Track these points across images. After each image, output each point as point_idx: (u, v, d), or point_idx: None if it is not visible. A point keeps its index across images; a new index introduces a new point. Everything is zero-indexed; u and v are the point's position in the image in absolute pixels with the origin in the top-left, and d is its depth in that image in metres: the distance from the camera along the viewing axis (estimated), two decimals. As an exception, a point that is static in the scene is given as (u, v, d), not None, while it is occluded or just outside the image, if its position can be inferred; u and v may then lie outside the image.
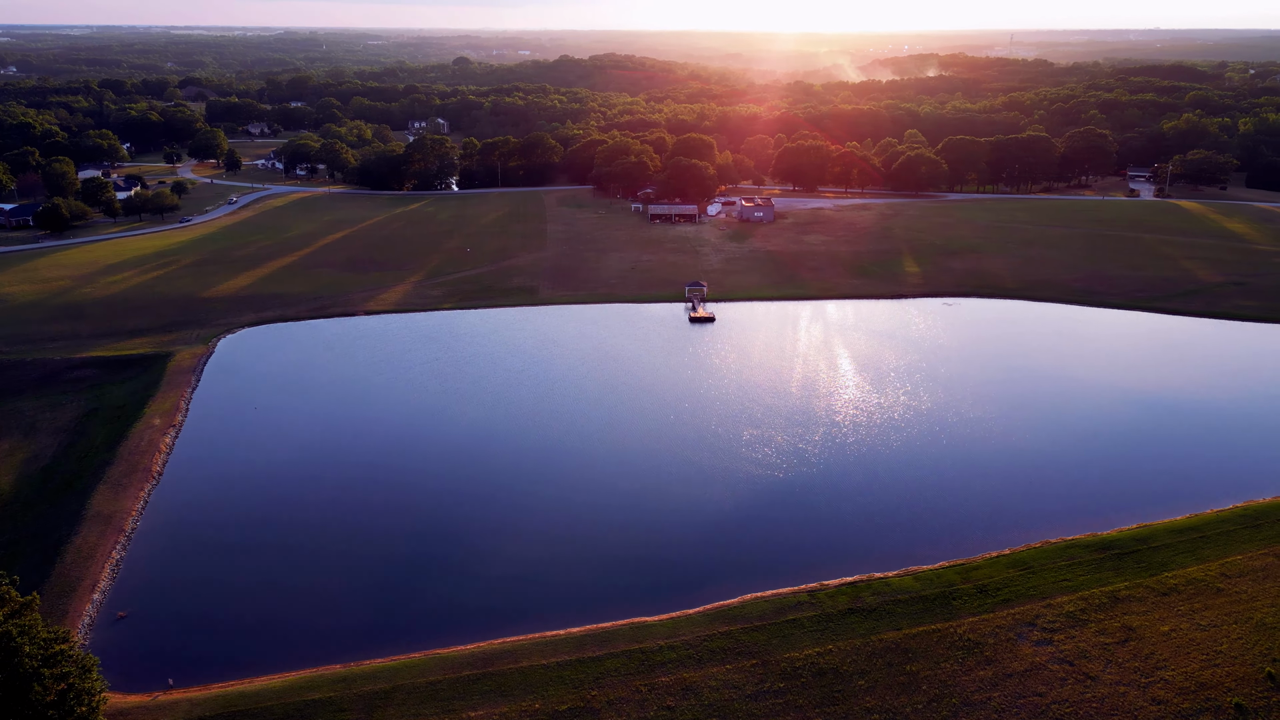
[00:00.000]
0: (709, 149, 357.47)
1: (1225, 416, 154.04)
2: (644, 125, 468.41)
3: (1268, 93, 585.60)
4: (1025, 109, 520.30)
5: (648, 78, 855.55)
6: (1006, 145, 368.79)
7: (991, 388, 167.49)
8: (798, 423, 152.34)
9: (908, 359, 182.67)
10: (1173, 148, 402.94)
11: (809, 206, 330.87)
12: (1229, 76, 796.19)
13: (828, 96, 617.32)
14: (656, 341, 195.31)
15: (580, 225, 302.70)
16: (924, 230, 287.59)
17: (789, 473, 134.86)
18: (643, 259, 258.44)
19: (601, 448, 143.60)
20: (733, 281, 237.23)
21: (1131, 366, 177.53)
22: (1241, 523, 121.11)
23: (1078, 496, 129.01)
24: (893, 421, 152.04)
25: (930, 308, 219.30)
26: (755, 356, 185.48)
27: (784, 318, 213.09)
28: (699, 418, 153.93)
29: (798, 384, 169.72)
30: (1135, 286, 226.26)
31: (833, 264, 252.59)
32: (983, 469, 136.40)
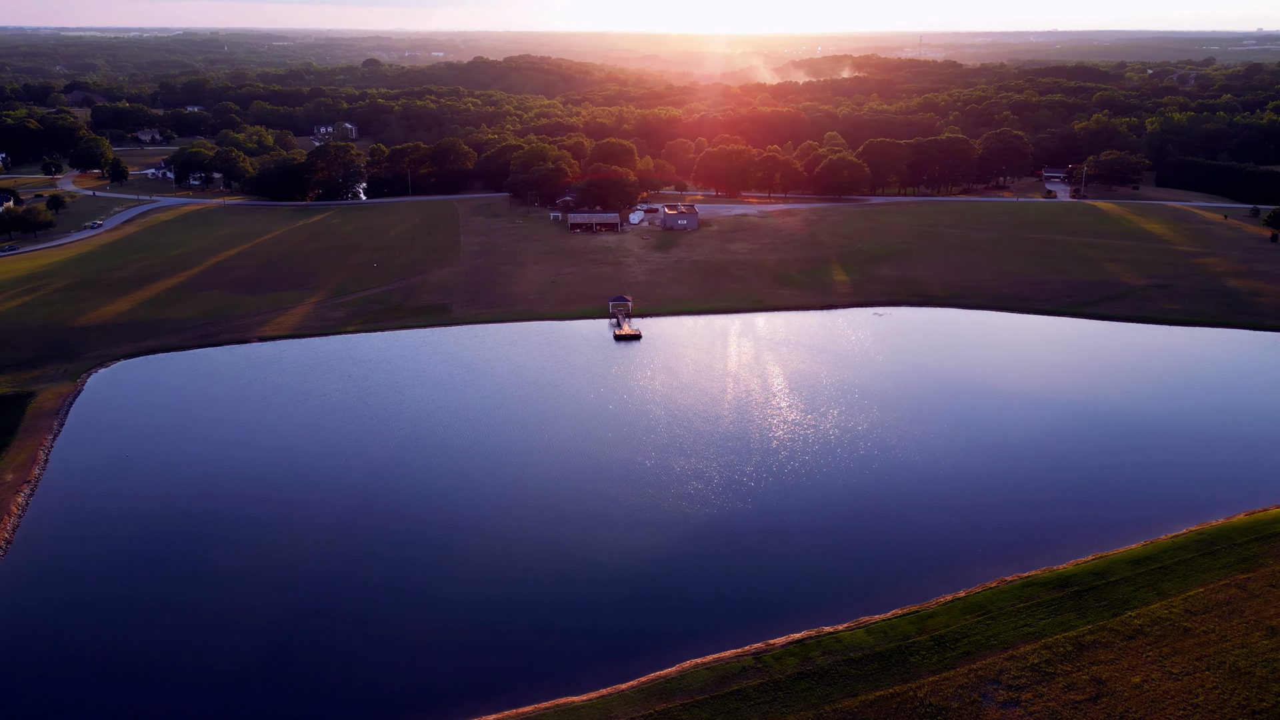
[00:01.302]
0: (629, 154, 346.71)
1: (1168, 430, 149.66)
2: (562, 129, 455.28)
3: (1169, 92, 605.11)
4: (940, 110, 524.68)
5: (565, 80, 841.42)
6: (926, 147, 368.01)
7: (930, 405, 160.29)
8: (732, 451, 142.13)
9: (842, 375, 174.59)
10: (1084, 148, 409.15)
11: (733, 213, 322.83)
12: (1129, 76, 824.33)
13: (746, 99, 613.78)
14: (579, 363, 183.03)
15: (496, 236, 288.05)
16: (850, 236, 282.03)
17: (724, 510, 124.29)
18: (563, 272, 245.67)
19: (518, 490, 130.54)
20: (659, 294, 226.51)
21: (1068, 377, 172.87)
22: (1198, 549, 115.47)
23: (1029, 526, 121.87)
24: (830, 446, 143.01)
25: (861, 318, 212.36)
26: (685, 377, 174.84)
27: (713, 333, 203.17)
28: (626, 449, 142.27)
29: (730, 407, 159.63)
30: (1063, 291, 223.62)
31: (760, 273, 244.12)
32: (928, 498, 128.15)
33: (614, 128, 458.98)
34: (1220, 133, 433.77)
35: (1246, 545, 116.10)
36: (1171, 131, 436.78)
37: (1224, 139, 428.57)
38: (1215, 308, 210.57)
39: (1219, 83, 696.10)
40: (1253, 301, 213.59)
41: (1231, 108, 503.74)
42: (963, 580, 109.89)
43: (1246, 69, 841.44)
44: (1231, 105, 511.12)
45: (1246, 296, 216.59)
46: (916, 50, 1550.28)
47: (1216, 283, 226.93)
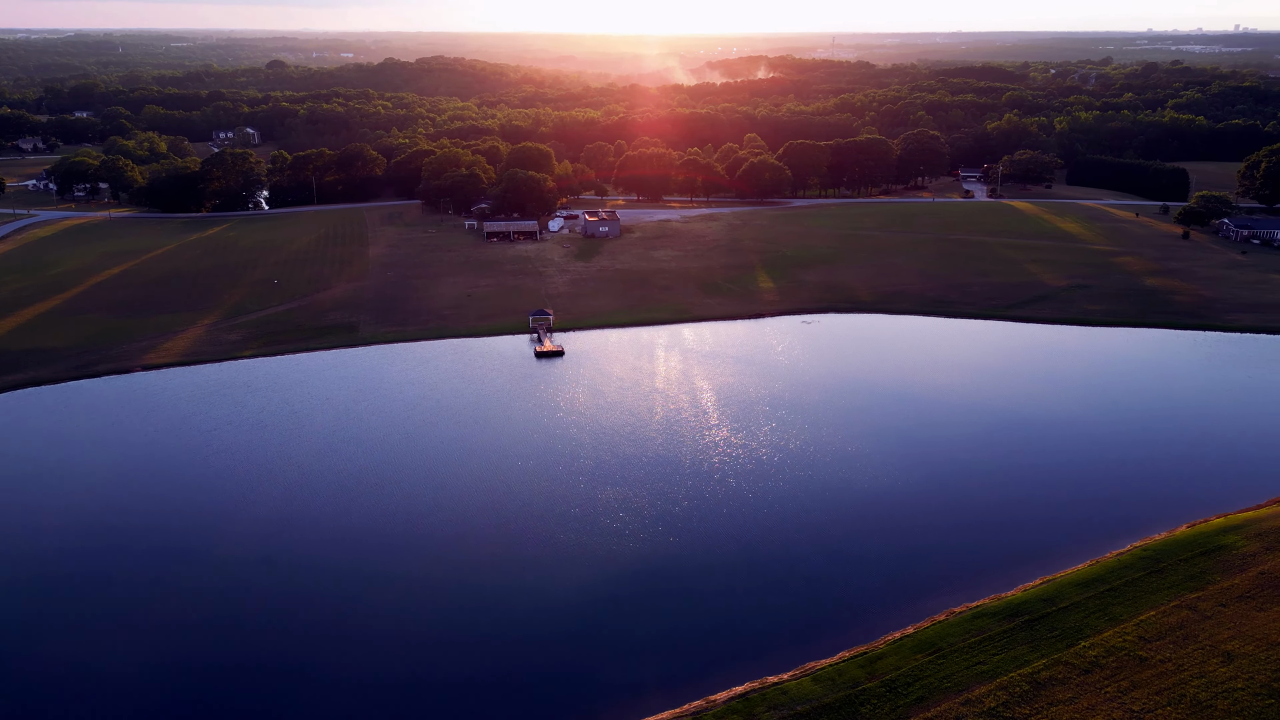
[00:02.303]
0: (547, 159, 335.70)
1: (1104, 439, 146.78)
2: (476, 132, 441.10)
3: (1073, 92, 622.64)
4: (856, 111, 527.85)
5: (479, 81, 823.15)
6: (846, 149, 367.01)
7: (863, 418, 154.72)
8: (662, 476, 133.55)
9: (773, 388, 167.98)
10: (998, 147, 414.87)
11: (655, 218, 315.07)
12: (1033, 76, 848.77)
13: (665, 100, 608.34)
14: (498, 383, 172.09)
15: (407, 247, 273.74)
16: (774, 240, 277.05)
17: (656, 547, 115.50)
18: (479, 284, 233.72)
19: (429, 531, 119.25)
20: (581, 306, 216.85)
21: (1000, 385, 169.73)
22: (1144, 567, 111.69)
23: (973, 549, 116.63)
24: (764, 468, 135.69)
25: (789, 327, 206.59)
26: (611, 395, 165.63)
27: (639, 347, 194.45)
28: (549, 479, 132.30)
29: (659, 427, 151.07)
30: (987, 294, 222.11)
31: (685, 282, 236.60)
32: (868, 523, 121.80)
33: (531, 130, 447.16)
34: (1125, 131, 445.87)
35: (1192, 561, 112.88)
36: (1079, 130, 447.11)
37: (1129, 137, 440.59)
38: (1135, 308, 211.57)
39: (1120, 82, 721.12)
40: (1171, 300, 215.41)
41: (1134, 106, 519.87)
42: (910, 614, 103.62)
43: (1143, 68, 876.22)
44: (1134, 104, 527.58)
45: (1164, 295, 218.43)
46: (829, 51, 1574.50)
47: (1135, 282, 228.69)
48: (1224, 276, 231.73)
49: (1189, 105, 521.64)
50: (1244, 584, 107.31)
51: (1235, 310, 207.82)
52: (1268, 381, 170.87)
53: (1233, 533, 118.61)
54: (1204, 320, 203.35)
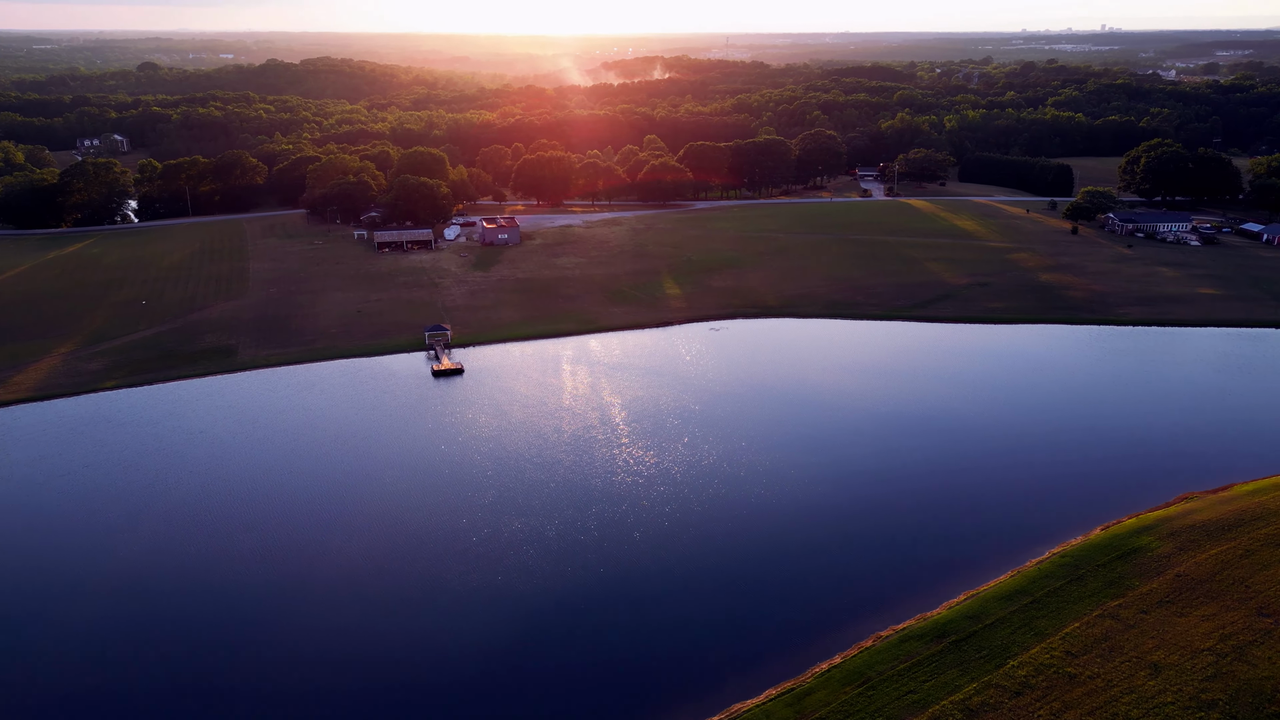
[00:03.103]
0: (441, 164, 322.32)
1: (1014, 441, 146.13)
2: (366, 136, 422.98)
3: (960, 90, 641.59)
4: (754, 111, 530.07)
5: (369, 83, 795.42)
6: (746, 150, 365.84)
7: (776, 429, 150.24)
8: (571, 504, 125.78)
9: (684, 400, 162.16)
10: (892, 146, 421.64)
11: (556, 224, 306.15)
12: (920, 75, 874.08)
13: (562, 101, 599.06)
14: (391, 407, 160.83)
15: (291, 261, 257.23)
16: (679, 245, 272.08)
17: (565, 585, 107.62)
18: (371, 299, 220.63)
19: (318, 576, 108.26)
20: (481, 319, 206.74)
21: (910, 388, 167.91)
22: (1065, 575, 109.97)
23: (894, 565, 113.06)
24: (678, 488, 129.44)
25: (698, 334, 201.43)
26: (515, 416, 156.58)
27: (544, 361, 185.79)
28: (449, 513, 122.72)
29: (567, 448, 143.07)
30: (891, 294, 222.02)
31: (590, 290, 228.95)
32: (785, 542, 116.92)
33: (424, 134, 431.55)
34: (1011, 129, 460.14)
35: (1110, 566, 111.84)
36: (968, 129, 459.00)
37: (1014, 134, 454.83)
38: (1033, 304, 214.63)
39: (1001, 81, 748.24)
40: (1065, 295, 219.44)
41: (1017, 104, 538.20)
42: (836, 642, 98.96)
43: (1022, 67, 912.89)
44: (1017, 102, 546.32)
45: (1059, 291, 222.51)
46: (724, 51, 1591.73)
47: (1031, 278, 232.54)
48: (1113, 270, 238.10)
49: (1068, 103, 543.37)
50: (1162, 588, 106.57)
51: (1126, 304, 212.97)
52: (1162, 376, 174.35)
53: (1146, 534, 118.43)
54: (1098, 314, 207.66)
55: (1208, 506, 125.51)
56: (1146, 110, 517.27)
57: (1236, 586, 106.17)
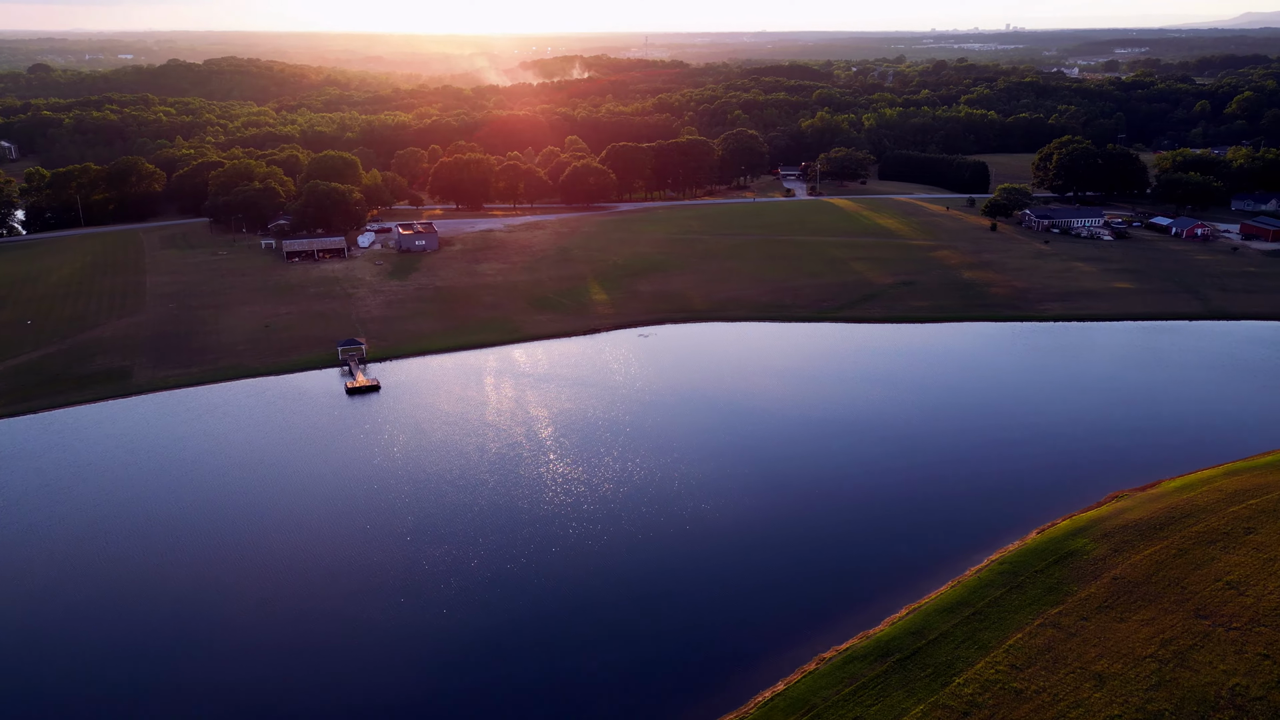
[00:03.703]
0: (353, 168, 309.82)
1: (945, 443, 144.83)
2: (274, 140, 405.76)
3: (876, 89, 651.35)
4: (675, 110, 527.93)
5: (278, 84, 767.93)
6: (668, 150, 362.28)
7: (707, 438, 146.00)
8: (496, 528, 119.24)
9: (614, 411, 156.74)
10: (813, 145, 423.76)
11: (477, 229, 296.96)
12: (837, 74, 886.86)
13: (480, 101, 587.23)
14: (302, 429, 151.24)
15: (194, 273, 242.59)
16: (604, 249, 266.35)
17: (491, 618, 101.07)
18: (280, 313, 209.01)
19: (221, 620, 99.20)
20: (399, 331, 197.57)
21: (839, 391, 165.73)
22: (1004, 583, 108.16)
23: (835, 580, 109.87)
24: (609, 507, 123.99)
25: (626, 341, 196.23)
26: (435, 434, 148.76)
27: (465, 374, 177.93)
28: (364, 544, 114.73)
29: (491, 468, 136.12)
30: (819, 296, 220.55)
31: (513, 297, 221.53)
32: (722, 562, 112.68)
33: (336, 136, 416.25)
34: (927, 127, 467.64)
35: (1048, 572, 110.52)
36: (886, 127, 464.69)
37: (931, 132, 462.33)
38: (957, 302, 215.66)
39: (916, 79, 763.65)
40: (988, 293, 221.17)
41: (932, 102, 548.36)
42: (778, 666, 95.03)
43: (934, 66, 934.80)
44: (932, 100, 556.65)
45: (981, 288, 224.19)
46: (643, 50, 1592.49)
47: (954, 276, 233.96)
48: (1033, 267, 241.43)
49: (980, 101, 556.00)
50: (1100, 592, 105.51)
51: (1046, 300, 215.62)
52: (1085, 373, 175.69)
53: (1080, 535, 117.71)
54: (1020, 311, 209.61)
55: (1138, 505, 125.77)
56: (1054, 108, 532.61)
57: (1173, 588, 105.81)
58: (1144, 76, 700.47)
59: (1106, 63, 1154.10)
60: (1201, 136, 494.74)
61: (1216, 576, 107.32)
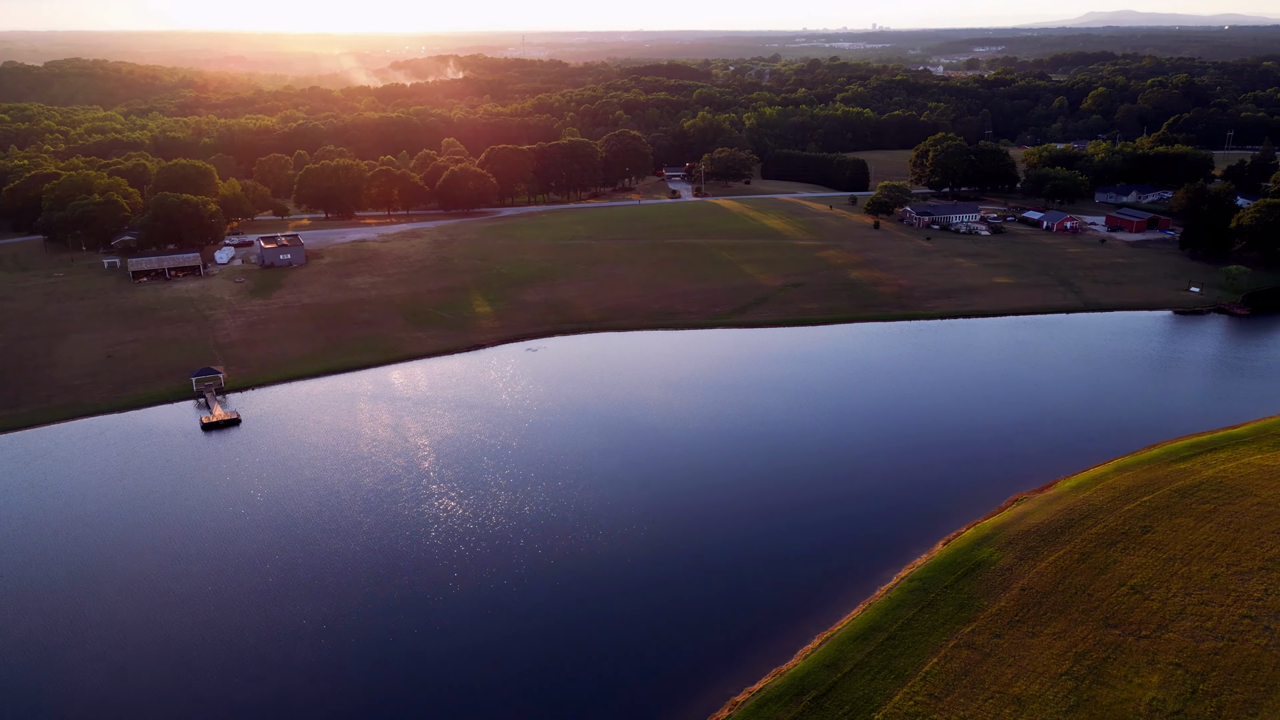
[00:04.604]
0: (208, 177, 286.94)
1: (842, 452, 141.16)
2: (122, 148, 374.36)
3: (755, 88, 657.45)
4: (555, 111, 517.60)
5: (127, 87, 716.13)
6: (550, 152, 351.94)
7: (600, 462, 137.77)
8: (372, 577, 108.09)
9: (500, 435, 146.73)
10: (696, 145, 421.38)
11: (348, 239, 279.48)
12: (715, 73, 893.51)
13: (351, 104, 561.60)
14: (149, 473, 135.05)
15: (23, 298, 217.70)
16: (486, 256, 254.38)
17: (365, 679, 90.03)
18: (125, 340, 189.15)
19: (46, 703, 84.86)
20: (262, 356, 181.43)
21: (735, 401, 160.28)
22: (915, 602, 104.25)
23: (742, 611, 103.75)
24: (495, 544, 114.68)
25: (513, 356, 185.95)
26: (303, 472, 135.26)
27: (337, 401, 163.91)
28: (217, 607, 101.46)
29: (366, 507, 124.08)
30: (711, 300, 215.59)
31: (390, 313, 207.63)
32: (623, 600, 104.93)
33: (191, 143, 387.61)
34: (807, 125, 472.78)
35: (957, 586, 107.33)
36: (767, 126, 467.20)
37: (810, 131, 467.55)
38: (847, 302, 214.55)
39: (792, 78, 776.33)
40: (876, 292, 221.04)
41: (810, 101, 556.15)
42: (687, 718, 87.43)
43: (809, 64, 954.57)
44: (809, 99, 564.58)
45: (870, 288, 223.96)
46: (520, 49, 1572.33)
47: (842, 276, 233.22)
48: (916, 264, 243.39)
49: (855, 99, 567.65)
50: (1010, 606, 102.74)
51: (932, 297, 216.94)
52: (974, 373, 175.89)
53: (986, 544, 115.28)
54: (907, 309, 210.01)
55: (1038, 508, 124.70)
56: (926, 105, 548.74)
57: (1080, 596, 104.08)
58: (1005, 74, 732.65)
59: (968, 61, 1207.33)
60: (1061, 132, 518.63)
61: (1121, 581, 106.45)
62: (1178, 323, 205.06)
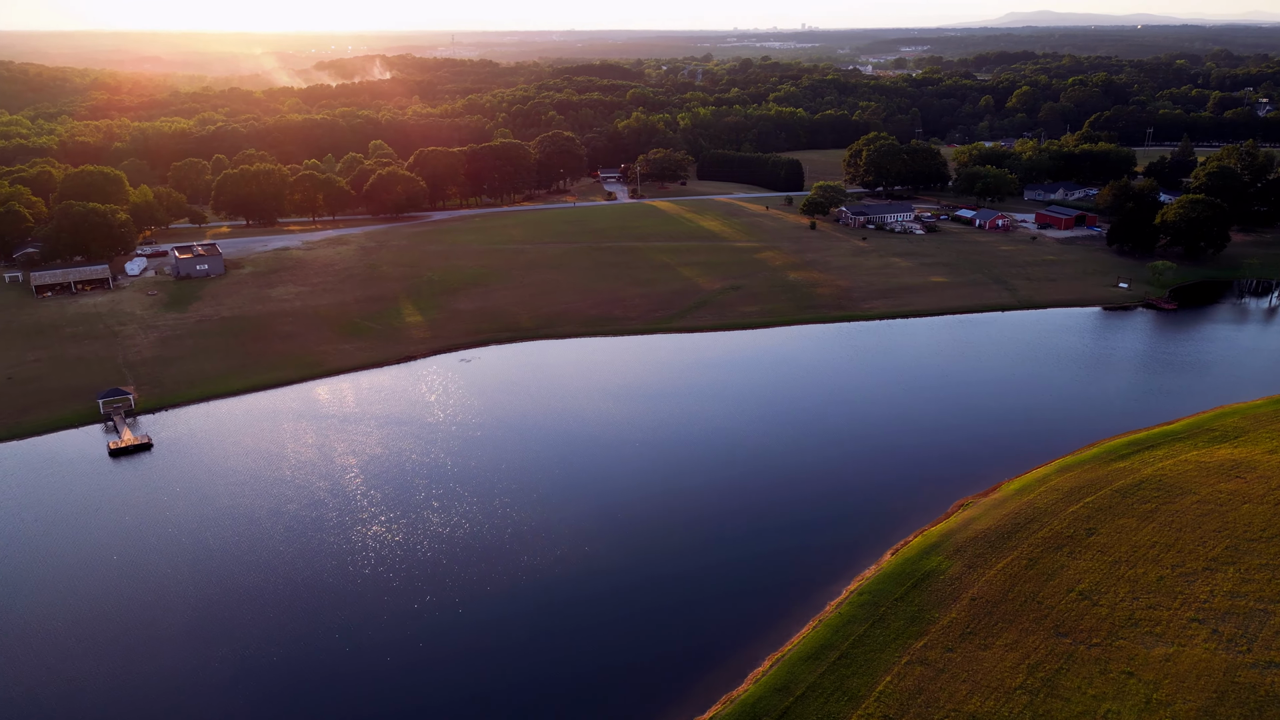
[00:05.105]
0: (117, 184, 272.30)
1: (787, 461, 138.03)
2: (26, 154, 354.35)
3: (688, 88, 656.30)
4: (487, 112, 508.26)
5: (34, 89, 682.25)
6: (482, 154, 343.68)
7: (538, 479, 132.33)
8: (293, 613, 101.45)
9: (432, 454, 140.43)
10: (631, 146, 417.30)
11: (271, 247, 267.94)
12: (648, 73, 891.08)
13: (273, 105, 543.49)
14: (50, 505, 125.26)
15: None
16: (417, 263, 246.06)
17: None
18: (26, 360, 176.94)
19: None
20: (177, 374, 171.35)
21: (677, 410, 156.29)
22: (866, 616, 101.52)
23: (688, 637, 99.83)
24: (427, 570, 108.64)
25: (446, 368, 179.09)
26: (220, 500, 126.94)
27: (259, 420, 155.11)
28: (123, 653, 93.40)
29: (288, 536, 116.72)
30: (649, 305, 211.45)
31: (315, 325, 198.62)
32: (560, 626, 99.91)
33: (102, 147, 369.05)
34: (741, 125, 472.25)
35: (908, 599, 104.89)
36: (701, 126, 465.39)
37: (744, 130, 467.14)
38: (786, 304, 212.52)
39: (725, 78, 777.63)
40: (815, 293, 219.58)
41: (743, 100, 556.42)
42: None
43: (741, 64, 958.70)
44: (742, 99, 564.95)
45: (808, 289, 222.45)
46: (450, 49, 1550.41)
47: (780, 277, 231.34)
48: (853, 265, 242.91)
49: (788, 99, 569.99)
50: (961, 617, 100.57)
51: (870, 298, 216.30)
52: (913, 374, 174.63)
53: (934, 553, 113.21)
54: (847, 311, 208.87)
55: (984, 513, 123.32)
56: (857, 104, 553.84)
57: (1029, 604, 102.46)
58: (932, 74, 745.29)
59: (895, 60, 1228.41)
60: (989, 130, 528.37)
61: (1069, 586, 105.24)
62: (1109, 318, 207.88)
